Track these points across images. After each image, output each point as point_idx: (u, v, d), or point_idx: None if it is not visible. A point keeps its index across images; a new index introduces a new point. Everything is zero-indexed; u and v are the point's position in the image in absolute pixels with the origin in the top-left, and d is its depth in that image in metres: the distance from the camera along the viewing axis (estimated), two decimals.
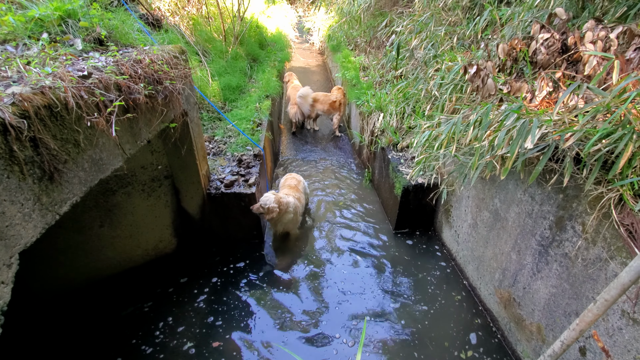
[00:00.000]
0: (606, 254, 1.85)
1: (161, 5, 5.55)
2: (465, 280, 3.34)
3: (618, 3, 2.54)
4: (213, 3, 6.23)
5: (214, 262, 3.54)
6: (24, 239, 1.30)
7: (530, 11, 3.08)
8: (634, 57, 2.18)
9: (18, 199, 1.26)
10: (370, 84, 5.68)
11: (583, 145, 1.87)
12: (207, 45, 5.85)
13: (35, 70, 1.54)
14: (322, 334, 2.85)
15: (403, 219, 3.91)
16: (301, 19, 16.27)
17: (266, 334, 2.84)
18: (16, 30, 2.08)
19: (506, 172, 2.05)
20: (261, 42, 8.06)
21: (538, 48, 2.48)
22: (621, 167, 1.68)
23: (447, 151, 2.65)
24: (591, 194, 1.89)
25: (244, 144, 4.08)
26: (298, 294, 3.21)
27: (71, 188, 1.52)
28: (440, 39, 4.13)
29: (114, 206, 2.99)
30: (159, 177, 3.14)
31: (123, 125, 1.89)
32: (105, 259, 3.16)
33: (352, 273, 3.45)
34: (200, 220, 3.52)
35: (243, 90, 5.63)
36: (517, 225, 2.54)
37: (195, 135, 3.05)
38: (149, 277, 3.32)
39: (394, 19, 5.67)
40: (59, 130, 1.44)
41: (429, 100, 3.76)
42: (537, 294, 2.41)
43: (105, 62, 1.91)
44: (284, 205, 3.40)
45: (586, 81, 2.19)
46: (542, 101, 2.32)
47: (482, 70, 2.58)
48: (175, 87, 2.38)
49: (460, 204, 3.37)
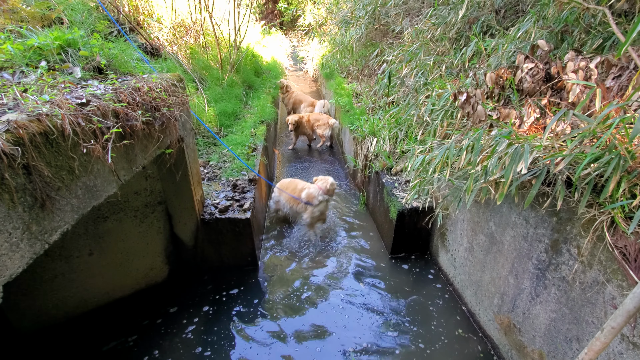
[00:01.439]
0: (602, 277, 1.85)
1: (160, 35, 5.72)
2: (464, 306, 3.27)
3: (594, 36, 2.71)
4: (210, 33, 6.44)
5: (206, 290, 3.42)
6: (9, 270, 1.25)
7: (513, 42, 3.25)
8: (613, 85, 2.29)
9: (6, 227, 1.22)
10: (363, 110, 5.82)
11: (573, 169, 1.92)
12: (204, 73, 5.99)
13: (32, 98, 1.54)
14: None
15: (399, 243, 3.88)
16: (295, 48, 16.88)
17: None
18: (14, 58, 2.10)
19: (502, 197, 2.08)
20: (257, 70, 8.29)
21: (523, 77, 2.59)
22: (611, 190, 1.72)
23: (441, 175, 2.68)
24: (584, 217, 1.91)
25: (239, 168, 4.08)
26: (291, 322, 3.10)
27: (63, 216, 1.48)
28: (430, 68, 4.29)
29: (104, 233, 2.91)
30: (153, 203, 3.10)
31: (119, 152, 1.89)
32: (92, 289, 3.03)
33: (348, 301, 3.36)
34: (193, 247, 3.44)
35: (238, 116, 5.72)
36: (513, 248, 2.54)
37: (190, 160, 3.05)
38: (137, 308, 3.18)
39: (384, 49, 5.92)
40: (54, 157, 1.43)
41: (421, 125, 3.85)
42: (537, 319, 2.37)
43: (103, 89, 1.93)
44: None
45: (571, 108, 2.28)
46: (530, 127, 2.40)
47: (471, 97, 2.68)
48: (173, 113, 2.41)
49: (455, 227, 3.37)
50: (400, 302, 3.36)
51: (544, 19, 3.14)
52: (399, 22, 5.98)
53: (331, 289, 3.50)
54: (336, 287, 3.53)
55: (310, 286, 3.53)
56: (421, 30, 4.77)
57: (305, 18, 15.61)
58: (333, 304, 3.32)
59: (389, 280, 3.62)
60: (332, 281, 3.60)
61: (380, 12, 6.61)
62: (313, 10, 14.28)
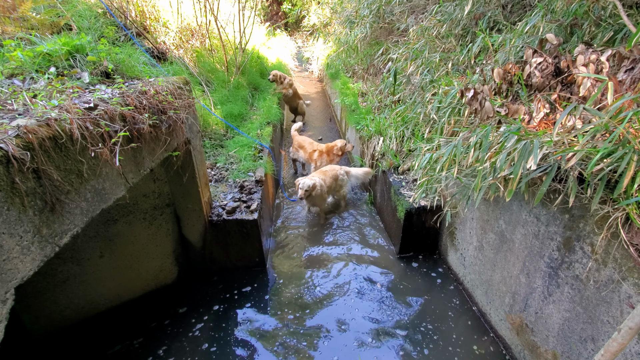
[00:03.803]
0: (618, 275, 1.80)
1: (166, 39, 5.78)
2: (475, 306, 3.22)
3: (604, 28, 2.64)
4: (216, 36, 6.49)
5: (216, 290, 3.45)
6: (21, 273, 1.27)
7: (521, 37, 3.19)
8: (626, 78, 2.23)
9: (17, 231, 1.24)
10: (369, 109, 5.79)
11: (585, 165, 1.87)
12: (210, 76, 6.04)
13: (41, 103, 1.57)
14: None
15: (407, 243, 3.84)
16: (300, 49, 16.91)
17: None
18: (24, 65, 2.15)
19: (511, 193, 2.04)
20: (262, 71, 8.32)
21: (532, 71, 2.54)
22: (625, 186, 1.67)
23: (448, 173, 2.65)
24: (597, 213, 1.86)
25: (246, 170, 4.10)
26: (299, 320, 3.10)
27: (72, 219, 1.50)
28: (436, 65, 4.24)
29: (114, 235, 2.95)
30: (161, 205, 3.13)
31: (127, 155, 1.91)
32: (102, 291, 3.07)
33: (357, 300, 3.34)
34: (202, 249, 3.47)
35: (245, 117, 5.74)
36: (524, 247, 2.49)
37: (197, 162, 3.07)
38: (146, 309, 3.22)
39: (389, 47, 5.87)
40: (63, 161, 1.45)
41: (428, 123, 3.81)
42: (550, 319, 2.32)
43: (111, 94, 1.96)
44: (312, 187, 4.22)
45: (581, 102, 2.22)
46: (540, 122, 2.35)
47: (479, 93, 2.64)
48: (179, 116, 2.43)
49: (464, 226, 3.33)
50: (410, 301, 3.33)
51: (552, 12, 3.07)
52: (403, 19, 5.94)
53: (339, 288, 3.49)
54: (344, 286, 3.51)
55: (318, 285, 3.52)
56: (426, 28, 4.72)
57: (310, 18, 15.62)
58: (341, 303, 3.30)
59: (398, 280, 3.59)
60: (340, 280, 3.59)
61: (385, 11, 6.57)
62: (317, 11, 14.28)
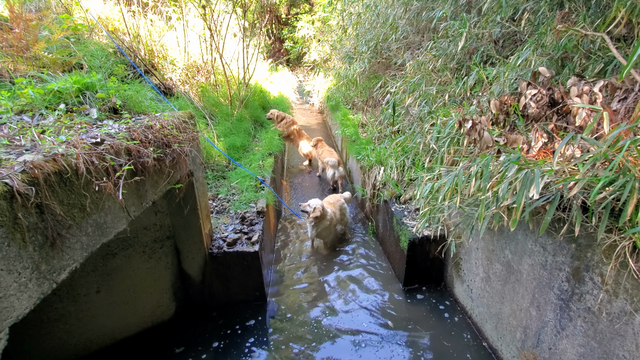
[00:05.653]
0: (630, 306, 1.73)
1: (173, 75, 6.03)
2: (485, 342, 3.07)
3: (595, 60, 2.75)
4: (221, 72, 6.77)
5: (216, 325, 3.32)
6: (16, 311, 1.23)
7: (514, 70, 3.31)
8: (620, 107, 2.28)
9: (16, 267, 1.22)
10: (369, 140, 5.89)
11: (587, 193, 1.86)
12: (214, 109, 6.22)
13: (49, 139, 1.61)
14: None
15: (411, 274, 3.74)
16: (301, 83, 17.57)
17: None
18: (34, 102, 2.22)
19: (515, 223, 2.02)
20: (264, 104, 8.59)
21: (528, 102, 2.61)
22: (630, 214, 1.66)
23: (451, 203, 2.64)
24: (604, 242, 1.83)
25: (248, 201, 4.10)
26: (304, 355, 2.96)
27: (72, 254, 1.49)
28: (433, 97, 4.38)
29: (112, 270, 2.89)
30: (161, 238, 3.10)
31: (130, 188, 1.92)
32: (97, 328, 2.96)
33: (362, 335, 3.19)
34: (201, 282, 3.38)
35: (247, 149, 5.84)
36: (533, 278, 2.42)
37: (199, 194, 3.08)
38: (142, 349, 3.08)
39: (387, 81, 6.09)
40: (67, 195, 1.45)
41: (428, 153, 3.86)
42: (564, 355, 2.20)
43: (117, 128, 2.01)
44: (325, 211, 4.21)
45: (578, 132, 2.26)
46: (539, 152, 2.38)
47: (477, 124, 2.69)
48: (183, 149, 2.47)
49: (470, 256, 3.26)
50: (416, 336, 3.18)
51: (542, 47, 3.21)
52: (400, 55, 6.20)
53: (343, 323, 3.35)
54: (348, 321, 3.37)
55: (321, 320, 3.39)
56: (422, 62, 4.92)
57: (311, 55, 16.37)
58: (345, 340, 3.15)
59: (403, 314, 3.46)
60: (343, 315, 3.46)
61: (382, 47, 6.89)
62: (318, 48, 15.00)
